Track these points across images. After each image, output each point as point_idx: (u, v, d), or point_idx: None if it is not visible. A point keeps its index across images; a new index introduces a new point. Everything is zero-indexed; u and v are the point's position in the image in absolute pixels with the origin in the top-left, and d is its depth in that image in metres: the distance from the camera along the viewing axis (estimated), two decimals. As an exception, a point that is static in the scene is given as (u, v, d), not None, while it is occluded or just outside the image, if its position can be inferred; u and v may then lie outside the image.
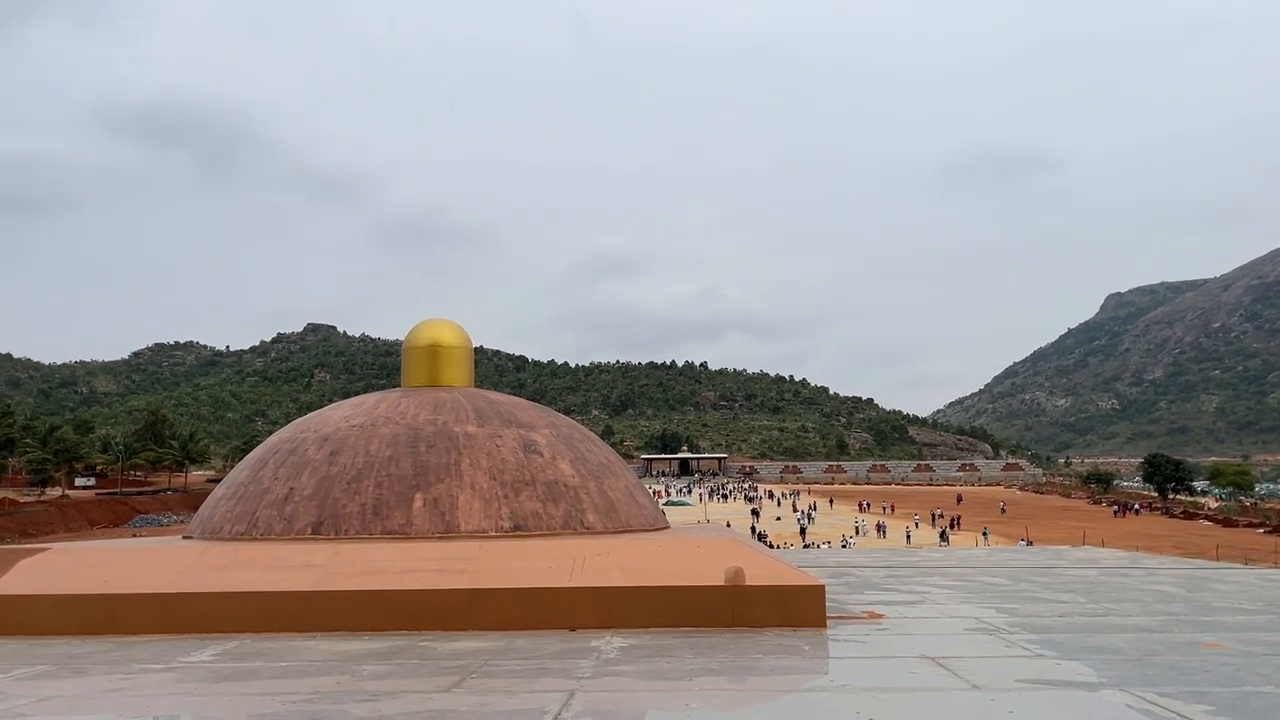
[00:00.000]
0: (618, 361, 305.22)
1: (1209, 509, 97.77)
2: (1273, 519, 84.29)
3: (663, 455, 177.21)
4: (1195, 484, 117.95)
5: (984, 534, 62.14)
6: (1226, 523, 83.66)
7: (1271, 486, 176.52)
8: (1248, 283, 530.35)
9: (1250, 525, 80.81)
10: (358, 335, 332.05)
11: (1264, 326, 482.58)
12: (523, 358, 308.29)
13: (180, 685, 6.30)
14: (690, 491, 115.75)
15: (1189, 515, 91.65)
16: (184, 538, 12.99)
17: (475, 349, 15.33)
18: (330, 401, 18.14)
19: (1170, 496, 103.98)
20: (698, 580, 8.68)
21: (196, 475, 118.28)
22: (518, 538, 10.83)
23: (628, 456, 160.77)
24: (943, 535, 62.60)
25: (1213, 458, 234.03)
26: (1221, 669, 6.43)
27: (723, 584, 8.46)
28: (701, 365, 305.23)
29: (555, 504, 11.56)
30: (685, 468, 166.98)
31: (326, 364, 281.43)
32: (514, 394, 16.61)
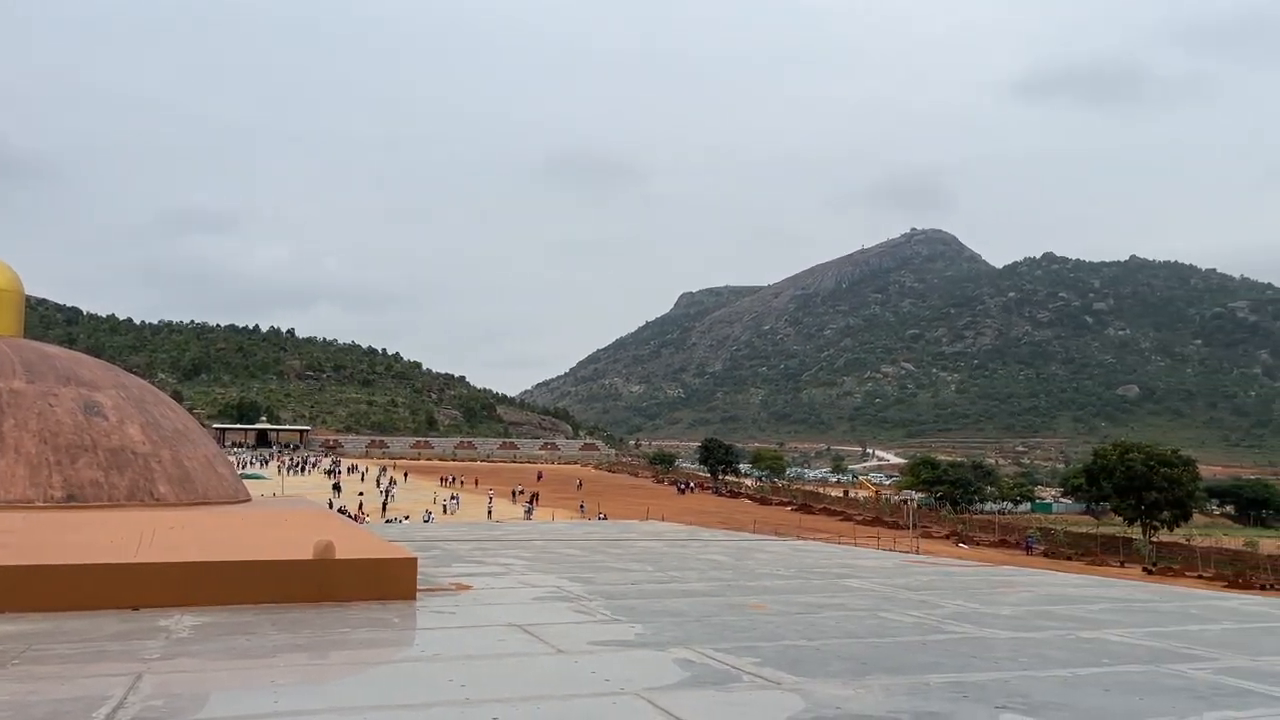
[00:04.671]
0: (193, 322, 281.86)
1: (749, 489, 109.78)
2: (798, 498, 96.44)
3: (239, 425, 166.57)
4: (741, 466, 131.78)
5: (581, 507, 66.97)
6: (763, 501, 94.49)
7: (799, 470, 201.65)
8: (792, 292, 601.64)
9: (780, 504, 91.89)
10: None
11: (803, 331, 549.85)
12: (76, 309, 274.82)
13: None
14: (267, 464, 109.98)
15: (733, 494, 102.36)
16: None
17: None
18: None
19: (720, 477, 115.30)
20: (283, 554, 8.15)
21: None
22: (73, 509, 9.67)
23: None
24: (528, 511, 64.78)
25: (756, 444, 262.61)
26: (765, 626, 7.24)
27: (311, 558, 8.08)
28: (289, 332, 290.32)
29: (120, 473, 10.45)
30: (263, 439, 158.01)
31: None
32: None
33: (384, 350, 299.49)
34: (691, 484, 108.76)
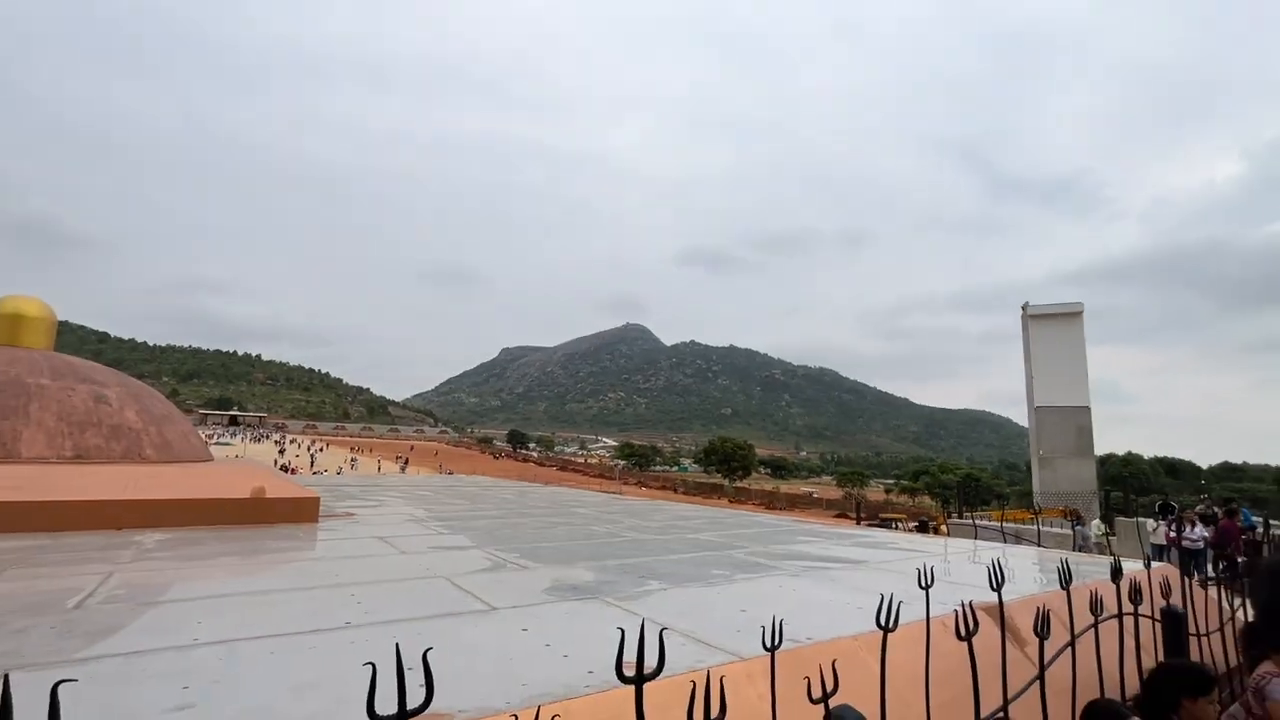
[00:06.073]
0: (190, 345, 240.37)
1: (534, 457, 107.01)
2: (560, 463, 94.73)
3: (219, 411, 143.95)
4: (531, 445, 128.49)
5: (440, 467, 62.54)
6: (540, 464, 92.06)
7: (562, 447, 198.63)
8: (565, 351, 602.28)
9: (550, 465, 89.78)
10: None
11: (569, 373, 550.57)
12: (105, 333, 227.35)
13: None
14: (235, 436, 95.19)
15: (525, 460, 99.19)
16: None
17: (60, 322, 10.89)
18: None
19: (519, 450, 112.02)
20: (228, 494, 7.05)
21: None
22: (79, 464, 7.91)
23: (188, 410, 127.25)
24: (402, 468, 59.96)
25: (540, 432, 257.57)
26: (524, 535, 7.01)
27: (247, 497, 7.06)
28: (257, 355, 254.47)
29: (118, 441, 8.68)
30: (234, 421, 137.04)
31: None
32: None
33: (318, 369, 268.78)
34: (503, 454, 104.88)
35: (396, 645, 1.21)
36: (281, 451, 68.62)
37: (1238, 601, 4.58)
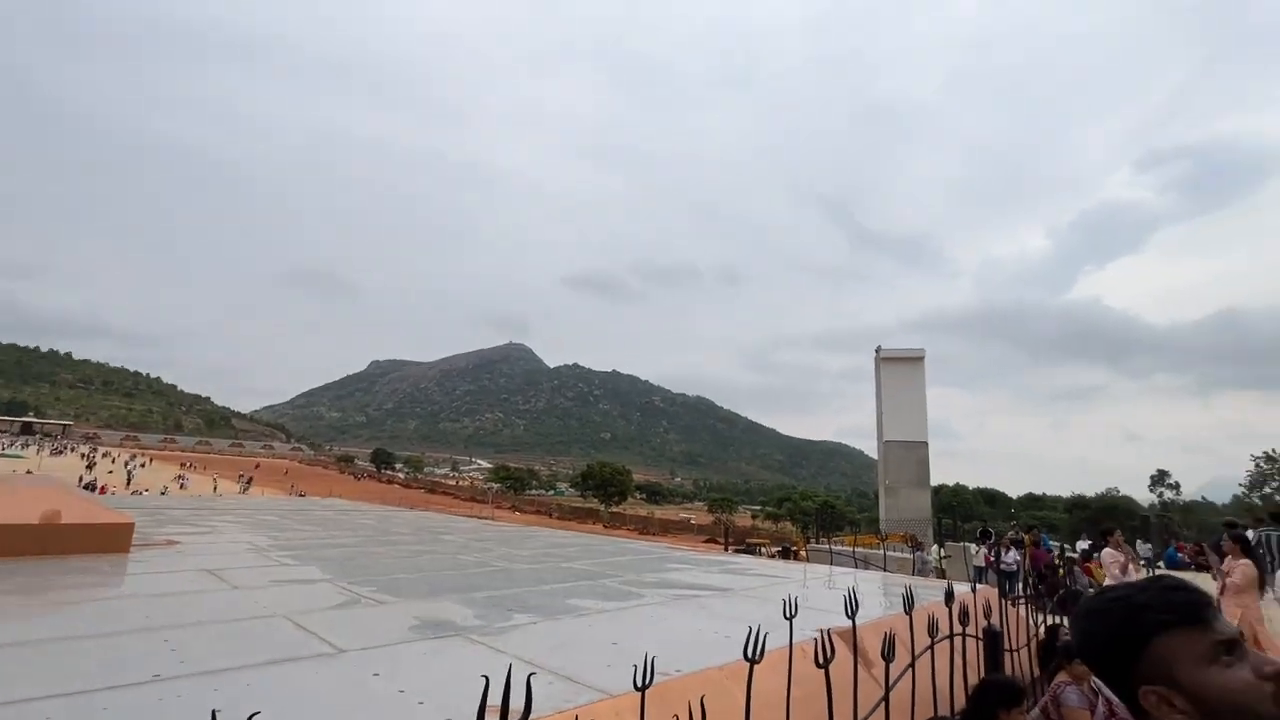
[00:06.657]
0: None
1: (400, 479, 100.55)
2: (429, 485, 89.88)
3: (5, 417, 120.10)
4: (398, 465, 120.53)
5: (292, 488, 56.46)
6: (407, 486, 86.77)
7: (432, 469, 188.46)
8: (441, 368, 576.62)
9: (418, 488, 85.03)
10: None
11: (444, 390, 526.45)
12: None
13: None
14: (27, 447, 79.79)
15: (390, 482, 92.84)
16: None
17: None
18: None
19: (383, 471, 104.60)
20: (10, 519, 5.84)
21: None
22: None
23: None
24: (244, 489, 53.47)
25: (408, 452, 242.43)
26: (383, 565, 6.46)
27: (36, 523, 5.85)
28: (67, 354, 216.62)
29: None
30: (28, 429, 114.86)
31: None
32: None
33: (146, 373, 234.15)
34: (365, 475, 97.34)
35: (213, 711, 1.03)
36: (90, 467, 58.25)
37: (1040, 618, 5.32)
